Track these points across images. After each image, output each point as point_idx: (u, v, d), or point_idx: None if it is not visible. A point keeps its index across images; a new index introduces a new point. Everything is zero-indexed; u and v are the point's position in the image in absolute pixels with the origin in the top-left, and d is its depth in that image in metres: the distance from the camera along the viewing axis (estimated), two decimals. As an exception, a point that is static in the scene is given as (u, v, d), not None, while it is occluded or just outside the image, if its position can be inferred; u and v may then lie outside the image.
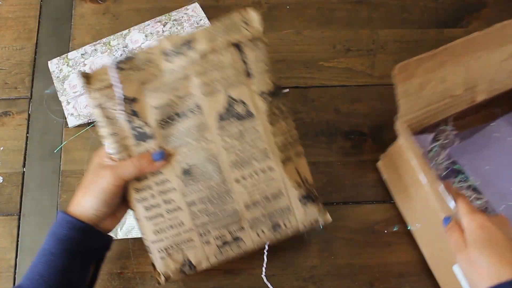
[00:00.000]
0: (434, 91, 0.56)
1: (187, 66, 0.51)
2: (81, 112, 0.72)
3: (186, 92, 0.51)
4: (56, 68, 0.74)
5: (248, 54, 0.52)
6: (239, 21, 0.52)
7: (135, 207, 0.53)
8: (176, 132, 0.52)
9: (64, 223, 0.50)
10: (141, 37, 0.76)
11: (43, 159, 0.70)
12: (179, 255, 0.54)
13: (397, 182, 0.65)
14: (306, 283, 0.64)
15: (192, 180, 0.52)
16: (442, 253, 0.59)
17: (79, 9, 0.80)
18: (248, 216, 0.53)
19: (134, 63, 0.51)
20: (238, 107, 0.52)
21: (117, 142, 0.51)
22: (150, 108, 0.51)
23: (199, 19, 0.77)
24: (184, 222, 0.53)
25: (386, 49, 0.78)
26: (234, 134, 0.52)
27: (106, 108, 0.50)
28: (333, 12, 0.81)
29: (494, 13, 0.81)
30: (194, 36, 0.51)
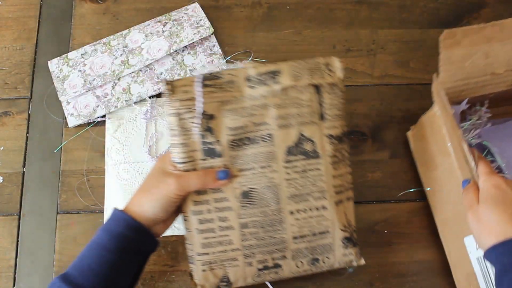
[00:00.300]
0: (476, 65, 0.56)
1: (268, 96, 0.54)
2: (81, 112, 0.72)
3: (261, 120, 0.54)
4: (56, 68, 0.74)
5: (325, 98, 0.55)
6: (323, 65, 0.55)
7: (189, 218, 0.54)
8: (244, 155, 0.54)
9: (121, 221, 0.51)
10: (141, 37, 0.76)
11: (43, 159, 0.70)
12: (220, 271, 0.55)
13: (423, 152, 0.66)
14: (306, 283, 0.64)
15: (250, 203, 0.54)
16: (455, 224, 0.60)
17: (79, 9, 0.80)
18: (292, 247, 0.56)
19: (218, 82, 0.53)
20: (307, 145, 0.55)
21: (185, 153, 0.53)
22: (225, 128, 0.53)
23: (199, 19, 0.77)
24: (233, 241, 0.54)
25: (386, 49, 0.78)
26: (298, 169, 0.54)
27: (183, 119, 0.52)
28: (333, 12, 0.81)
29: (494, 13, 0.81)
30: (279, 68, 0.54)
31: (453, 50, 0.54)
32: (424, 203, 0.69)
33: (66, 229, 0.67)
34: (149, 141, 0.70)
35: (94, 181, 0.69)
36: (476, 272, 0.57)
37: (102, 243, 0.50)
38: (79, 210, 0.68)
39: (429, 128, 0.63)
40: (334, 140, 0.56)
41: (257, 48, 0.77)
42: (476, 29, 0.53)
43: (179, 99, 0.52)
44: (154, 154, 0.70)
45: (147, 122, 0.71)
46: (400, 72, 0.76)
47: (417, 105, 0.74)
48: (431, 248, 0.66)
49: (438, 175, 0.63)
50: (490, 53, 0.56)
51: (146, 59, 0.74)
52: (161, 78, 0.74)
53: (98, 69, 0.74)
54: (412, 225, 0.65)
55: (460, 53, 0.55)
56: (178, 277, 0.64)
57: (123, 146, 0.70)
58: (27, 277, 0.65)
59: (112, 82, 0.73)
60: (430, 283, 0.64)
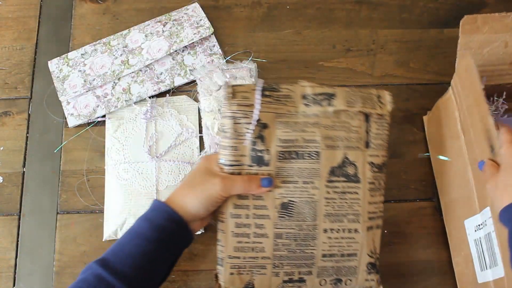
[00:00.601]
0: (495, 53, 0.57)
1: (320, 116, 0.56)
2: (81, 112, 0.72)
3: (311, 138, 0.56)
4: (56, 68, 0.74)
5: (372, 127, 0.58)
6: (375, 96, 0.58)
7: (226, 220, 0.55)
8: (290, 168, 0.55)
9: (164, 213, 0.52)
10: (141, 37, 0.76)
11: (43, 159, 0.70)
12: (246, 277, 0.56)
13: (437, 136, 0.68)
14: (306, 283, 0.64)
15: (287, 215, 0.55)
16: (457, 206, 0.62)
17: (79, 9, 0.80)
18: (320, 264, 0.57)
19: (276, 95, 0.55)
20: (349, 169, 0.56)
21: (234, 156, 0.54)
22: (276, 139, 0.55)
23: (199, 19, 0.77)
24: (266, 249, 0.55)
25: (386, 49, 0.78)
26: (338, 190, 0.56)
27: (238, 123, 0.54)
28: (333, 12, 0.81)
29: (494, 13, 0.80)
30: (335, 91, 0.57)
31: (473, 36, 0.54)
32: (424, 203, 0.69)
33: (66, 229, 0.67)
34: (149, 141, 0.70)
35: (94, 181, 0.69)
36: (473, 254, 0.58)
37: (143, 233, 0.51)
38: (79, 210, 0.68)
39: (443, 112, 0.64)
40: (375, 168, 0.57)
41: (257, 48, 0.77)
42: (497, 17, 0.54)
43: (238, 103, 0.54)
44: (154, 154, 0.70)
45: (147, 122, 0.71)
46: (400, 72, 0.76)
47: (417, 105, 0.74)
48: (432, 248, 0.66)
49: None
50: (510, 43, 0.56)
51: (146, 59, 0.74)
52: (161, 78, 0.74)
53: (98, 69, 0.74)
54: (412, 225, 0.65)
55: (480, 39, 0.55)
56: (179, 277, 0.64)
57: (123, 146, 0.70)
58: (27, 277, 0.65)
59: (112, 82, 0.73)
60: (431, 283, 0.64)
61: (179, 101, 0.73)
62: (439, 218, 0.68)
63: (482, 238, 0.56)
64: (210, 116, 0.69)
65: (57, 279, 0.64)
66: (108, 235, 0.66)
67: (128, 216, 0.66)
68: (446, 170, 0.66)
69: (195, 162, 0.69)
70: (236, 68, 0.72)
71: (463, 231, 0.60)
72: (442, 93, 0.65)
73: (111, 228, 0.66)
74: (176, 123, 0.71)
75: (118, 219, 0.66)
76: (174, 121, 0.72)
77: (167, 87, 0.73)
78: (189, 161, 0.70)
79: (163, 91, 0.73)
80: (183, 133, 0.71)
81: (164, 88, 0.73)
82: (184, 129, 0.71)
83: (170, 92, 0.74)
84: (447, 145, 0.64)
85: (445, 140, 0.64)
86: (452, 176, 0.64)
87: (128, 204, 0.67)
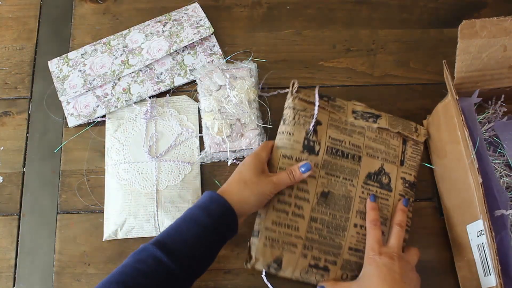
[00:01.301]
0: (494, 57, 0.58)
1: (366, 128, 0.67)
2: (81, 112, 0.72)
3: (356, 143, 0.66)
4: (56, 68, 0.74)
5: (408, 149, 0.67)
6: (413, 127, 0.69)
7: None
8: (334, 163, 0.64)
9: (221, 206, 0.56)
10: (141, 37, 0.76)
11: (43, 159, 0.70)
12: (277, 252, 0.60)
13: (436, 140, 0.68)
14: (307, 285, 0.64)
15: (325, 203, 0.63)
16: (459, 211, 0.63)
17: (79, 9, 0.80)
18: (345, 256, 0.61)
19: (331, 103, 0.67)
20: (384, 178, 0.65)
21: (289, 140, 0.64)
22: (327, 136, 0.65)
23: (199, 19, 0.77)
24: (300, 228, 0.61)
25: (386, 49, 0.78)
26: (371, 192, 0.64)
27: (298, 114, 0.64)
28: (333, 12, 0.81)
29: (494, 13, 0.81)
30: (381, 114, 0.68)
31: (471, 41, 0.55)
32: (424, 203, 0.69)
33: (66, 229, 0.67)
34: (149, 141, 0.70)
35: (94, 181, 0.69)
36: (476, 259, 0.58)
37: (199, 220, 0.54)
38: (79, 210, 0.68)
39: (443, 116, 0.64)
40: (406, 183, 0.66)
41: (257, 48, 0.77)
42: (495, 21, 0.54)
43: (300, 99, 0.65)
44: (154, 154, 0.70)
45: (147, 122, 0.71)
46: (400, 72, 0.76)
47: (417, 105, 0.74)
48: (432, 248, 0.66)
49: (447, 162, 0.65)
50: (509, 46, 0.56)
51: (146, 59, 0.74)
52: (161, 78, 0.74)
53: (98, 69, 0.74)
54: (412, 225, 0.65)
55: (478, 44, 0.56)
56: (178, 277, 0.64)
57: (123, 146, 0.70)
58: (27, 277, 0.65)
59: (112, 82, 0.73)
60: (431, 283, 0.64)
61: (179, 101, 0.73)
62: (439, 218, 0.68)
63: (485, 243, 0.56)
64: (210, 116, 0.69)
65: (57, 279, 0.64)
66: (108, 235, 0.66)
67: (128, 216, 0.66)
68: (447, 175, 0.66)
69: (195, 162, 0.69)
70: (236, 68, 0.72)
71: (466, 236, 0.60)
72: (442, 93, 0.65)
73: (111, 228, 0.66)
74: (176, 123, 0.71)
75: (118, 219, 0.66)
76: (174, 121, 0.72)
77: (167, 87, 0.73)
78: (189, 161, 0.70)
79: (163, 91, 0.73)
80: (183, 133, 0.71)
81: (164, 88, 0.73)
82: (184, 129, 0.71)
83: (170, 92, 0.74)
84: (447, 149, 0.64)
85: (445, 145, 0.64)
86: (453, 181, 0.64)
87: (128, 204, 0.67)
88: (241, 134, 0.68)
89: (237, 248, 0.66)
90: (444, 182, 0.67)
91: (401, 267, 0.56)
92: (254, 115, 0.69)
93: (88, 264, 0.65)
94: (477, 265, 0.58)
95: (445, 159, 0.65)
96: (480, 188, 0.54)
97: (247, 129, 0.69)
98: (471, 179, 0.57)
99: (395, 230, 0.61)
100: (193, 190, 0.68)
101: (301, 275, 0.60)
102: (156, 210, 0.66)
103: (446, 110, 0.63)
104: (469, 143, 0.55)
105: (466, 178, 0.58)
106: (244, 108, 0.69)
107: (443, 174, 0.67)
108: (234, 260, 0.65)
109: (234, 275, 0.65)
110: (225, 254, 0.66)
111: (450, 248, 0.66)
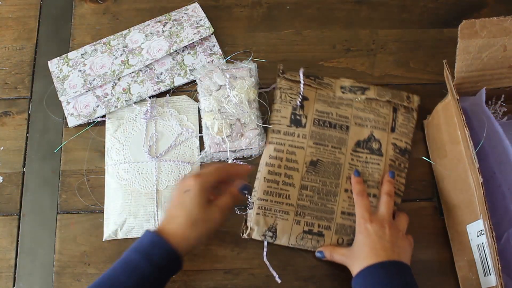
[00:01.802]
0: (494, 57, 0.58)
1: (354, 100, 0.69)
2: (81, 112, 0.72)
3: (344, 114, 0.69)
4: (56, 68, 0.74)
5: (398, 117, 0.69)
6: (404, 95, 0.71)
7: (262, 167, 0.66)
8: (322, 133, 0.68)
9: (164, 252, 0.52)
10: (141, 37, 0.76)
11: (43, 159, 0.70)
12: (271, 220, 0.64)
13: (436, 139, 0.68)
14: (306, 283, 0.64)
15: (314, 171, 0.66)
16: (459, 211, 0.62)
17: (79, 9, 0.80)
18: (338, 221, 0.64)
19: (318, 81, 0.70)
20: (374, 144, 0.67)
21: (276, 117, 0.69)
22: (314, 109, 0.69)
23: (199, 19, 0.77)
24: (291, 196, 0.65)
25: (386, 49, 0.78)
26: (361, 159, 0.67)
27: (285, 93, 0.69)
28: (333, 12, 0.81)
29: (494, 13, 0.80)
30: (369, 86, 0.71)
31: (471, 41, 0.55)
32: (424, 203, 0.69)
33: (66, 229, 0.67)
34: (149, 141, 0.70)
35: (94, 181, 0.69)
36: (476, 259, 0.58)
37: (139, 268, 0.51)
38: (79, 210, 0.68)
39: (443, 116, 0.65)
40: (397, 149, 0.68)
41: (257, 48, 0.77)
42: (495, 21, 0.54)
43: (286, 79, 0.70)
44: (154, 154, 0.70)
45: (147, 122, 0.71)
46: (400, 72, 0.76)
47: (417, 105, 0.74)
48: (432, 248, 0.66)
49: (447, 162, 0.65)
50: (509, 46, 0.57)
51: (146, 59, 0.74)
52: (161, 78, 0.74)
53: (98, 69, 0.74)
54: (412, 225, 0.65)
55: (478, 44, 0.56)
56: (178, 277, 0.64)
57: (123, 146, 0.70)
58: (27, 277, 0.65)
59: (112, 82, 0.73)
60: (432, 283, 0.64)
61: (179, 101, 0.73)
62: (439, 218, 0.68)
63: (485, 243, 0.56)
64: (210, 116, 0.69)
65: (57, 279, 0.64)
66: (108, 235, 0.66)
67: (128, 216, 0.66)
68: (447, 175, 0.66)
69: (195, 162, 0.69)
70: (236, 68, 0.72)
71: (466, 236, 0.60)
72: (442, 93, 0.65)
73: (111, 228, 0.66)
74: (176, 123, 0.71)
75: (118, 219, 0.66)
76: (174, 121, 0.72)
77: (167, 87, 0.73)
78: (189, 161, 0.70)
79: (163, 91, 0.73)
80: (183, 133, 0.71)
81: (164, 88, 0.73)
82: (184, 129, 0.71)
83: (170, 92, 0.74)
84: (447, 149, 0.64)
85: (445, 145, 0.64)
86: (453, 181, 0.64)
87: (128, 204, 0.67)
88: (241, 134, 0.68)
89: (237, 248, 0.66)
90: (444, 182, 0.67)
91: (391, 235, 0.58)
92: (254, 115, 0.69)
93: (88, 264, 0.65)
94: (477, 265, 0.58)
95: (445, 159, 0.65)
96: (480, 188, 0.54)
97: (247, 129, 0.69)
98: (471, 179, 0.57)
99: (384, 199, 0.63)
100: (193, 190, 0.68)
101: (297, 242, 0.63)
102: (156, 210, 0.66)
103: (446, 110, 0.63)
104: (469, 143, 0.55)
105: (466, 178, 0.58)
106: (244, 108, 0.69)
107: (443, 174, 0.67)
108: (234, 260, 0.65)
109: (234, 275, 0.65)
110: (225, 254, 0.66)
111: (450, 248, 0.66)
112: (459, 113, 0.56)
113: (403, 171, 0.67)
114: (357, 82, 0.71)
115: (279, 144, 0.67)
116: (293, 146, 0.67)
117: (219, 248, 0.66)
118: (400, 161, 0.67)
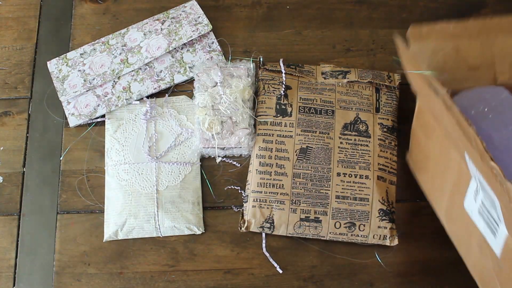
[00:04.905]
0: (448, 60, 0.58)
1: (336, 85, 0.71)
2: (81, 111, 0.72)
3: (328, 99, 0.69)
4: (55, 68, 0.74)
5: (382, 97, 0.70)
6: (385, 75, 0.72)
7: (253, 160, 0.67)
8: (308, 120, 0.68)
9: None
10: (140, 35, 0.76)
11: (43, 159, 0.70)
12: (267, 211, 0.64)
13: (416, 135, 0.66)
14: (306, 283, 0.64)
15: (305, 158, 0.66)
16: (449, 197, 0.59)
17: (79, 9, 0.80)
18: (334, 205, 0.65)
19: (299, 69, 0.72)
20: (361, 126, 0.68)
21: (262, 108, 0.69)
22: (298, 97, 0.69)
23: (197, 16, 0.77)
24: (284, 186, 0.65)
25: (386, 49, 0.78)
26: (350, 142, 0.67)
27: (267, 84, 0.70)
28: (333, 12, 0.80)
29: (494, 13, 0.80)
30: (350, 70, 0.72)
31: (424, 44, 0.56)
32: (424, 203, 0.69)
33: (66, 229, 0.67)
34: (148, 141, 0.70)
35: (94, 181, 0.69)
36: (481, 228, 0.53)
37: None
38: (79, 210, 0.68)
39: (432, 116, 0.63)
40: (384, 128, 0.68)
41: (257, 48, 0.77)
42: (439, 27, 0.56)
43: (267, 69, 0.71)
44: (154, 154, 0.70)
45: (147, 123, 0.71)
46: (400, 72, 0.76)
47: (417, 105, 0.74)
48: (432, 247, 0.66)
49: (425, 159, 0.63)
50: (460, 48, 0.58)
51: (145, 58, 0.74)
52: (160, 75, 0.74)
53: (98, 69, 0.74)
54: (412, 225, 0.66)
55: (431, 46, 0.57)
56: (178, 277, 0.65)
57: (123, 147, 0.70)
58: (27, 277, 0.65)
59: (112, 81, 0.73)
60: (431, 283, 0.64)
61: (179, 101, 0.73)
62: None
63: (484, 199, 0.50)
64: (203, 112, 0.69)
65: (57, 279, 0.64)
66: (109, 235, 0.66)
67: (129, 217, 0.66)
68: (426, 171, 0.64)
69: (195, 162, 0.69)
70: (234, 67, 0.72)
71: (465, 219, 0.54)
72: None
73: (111, 228, 0.66)
74: (175, 123, 0.71)
75: (119, 220, 0.66)
76: (173, 121, 0.72)
77: (167, 85, 0.73)
78: (189, 161, 0.70)
79: (163, 89, 0.73)
80: (183, 133, 0.71)
81: (164, 86, 0.73)
82: (183, 129, 0.71)
83: (169, 92, 0.74)
84: (426, 147, 0.62)
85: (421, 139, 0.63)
86: (432, 177, 0.61)
87: (128, 205, 0.67)
88: (231, 132, 0.68)
89: (237, 248, 0.66)
90: (423, 175, 0.65)
91: None
92: (247, 115, 0.69)
93: (88, 264, 0.65)
94: (485, 234, 0.52)
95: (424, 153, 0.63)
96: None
97: (238, 128, 0.69)
98: (454, 156, 0.54)
99: None
100: (193, 190, 0.68)
101: (295, 230, 0.64)
102: (157, 210, 0.66)
103: (418, 117, 0.62)
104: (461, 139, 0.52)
105: (448, 160, 0.55)
106: (237, 106, 0.69)
107: (422, 172, 0.66)
108: (234, 260, 0.65)
109: (234, 275, 0.65)
110: (225, 254, 0.66)
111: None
112: (453, 111, 0.54)
113: (394, 149, 0.68)
114: (338, 67, 0.72)
115: (268, 135, 0.67)
116: (282, 135, 0.67)
117: (219, 248, 0.66)
118: (389, 139, 0.68)
